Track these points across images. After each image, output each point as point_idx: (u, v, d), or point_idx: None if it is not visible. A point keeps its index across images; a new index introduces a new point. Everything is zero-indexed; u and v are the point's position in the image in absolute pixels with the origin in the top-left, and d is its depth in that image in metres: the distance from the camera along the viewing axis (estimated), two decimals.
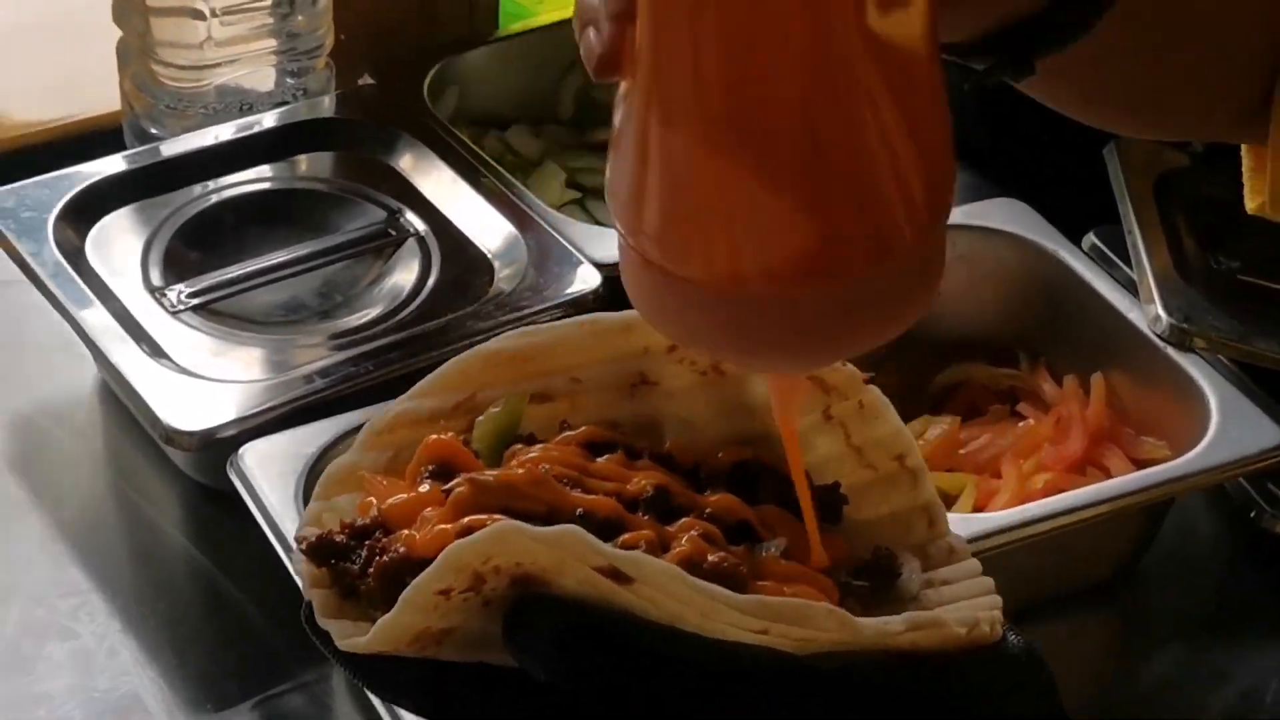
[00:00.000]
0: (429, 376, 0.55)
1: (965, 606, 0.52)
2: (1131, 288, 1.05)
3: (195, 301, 1.02)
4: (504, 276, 1.04)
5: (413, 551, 0.48)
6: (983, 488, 0.99)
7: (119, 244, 1.05)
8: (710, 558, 0.49)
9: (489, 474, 0.51)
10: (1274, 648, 1.01)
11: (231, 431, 0.93)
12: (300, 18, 1.13)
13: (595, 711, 0.49)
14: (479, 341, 0.94)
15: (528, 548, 0.45)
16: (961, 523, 0.92)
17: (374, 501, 0.51)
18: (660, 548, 0.49)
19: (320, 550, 0.50)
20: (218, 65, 1.12)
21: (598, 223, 1.11)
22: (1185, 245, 1.07)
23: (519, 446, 0.53)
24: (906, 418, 1.02)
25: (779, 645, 0.48)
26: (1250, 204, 0.77)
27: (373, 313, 1.04)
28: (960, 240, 1.07)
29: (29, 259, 1.01)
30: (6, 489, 1.01)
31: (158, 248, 1.05)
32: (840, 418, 0.55)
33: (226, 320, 1.02)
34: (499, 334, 0.95)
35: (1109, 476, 0.98)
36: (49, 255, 1.01)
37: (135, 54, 1.12)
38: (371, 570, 0.48)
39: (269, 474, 0.90)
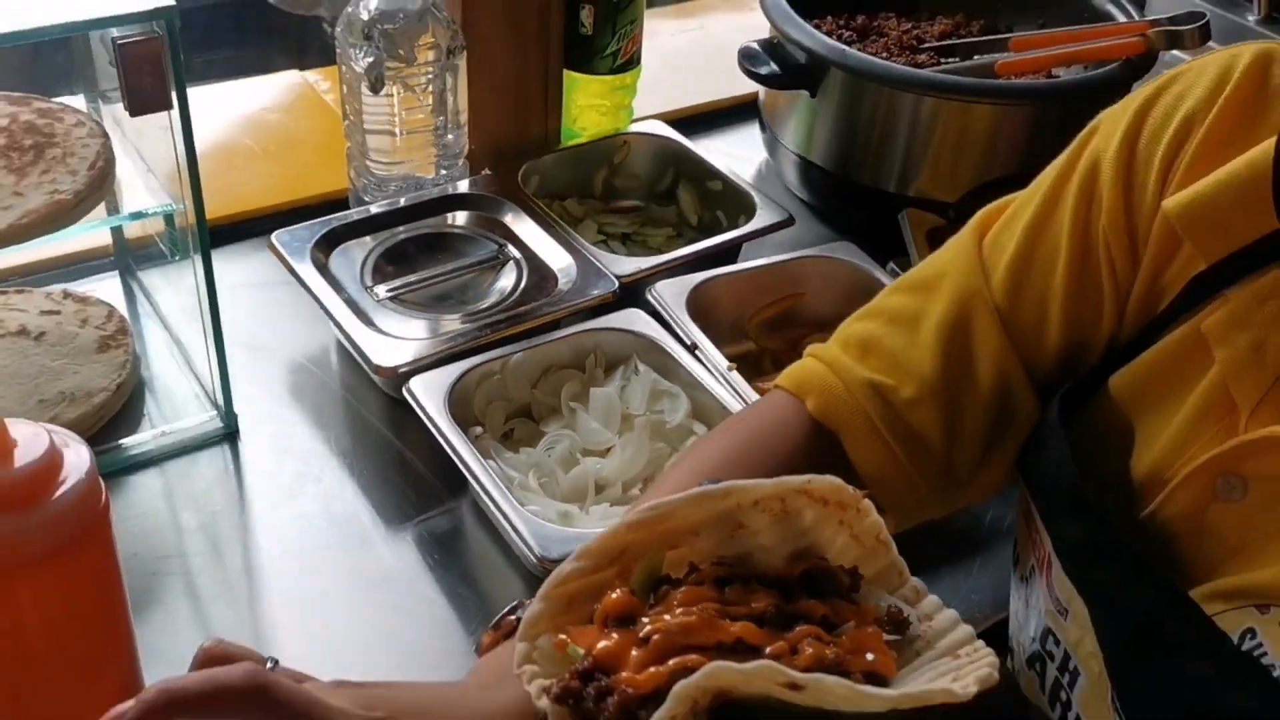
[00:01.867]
0: (587, 544, 0.51)
1: (977, 660, 0.48)
2: None
3: (389, 295, 1.04)
4: (563, 282, 1.05)
5: (638, 689, 0.44)
6: None
7: (347, 262, 1.07)
8: (828, 652, 0.46)
9: (672, 622, 0.47)
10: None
11: (409, 368, 0.95)
12: (450, 136, 1.15)
13: None
14: (555, 320, 1.02)
15: (732, 678, 0.43)
16: None
17: (568, 641, 0.48)
18: (791, 651, 0.46)
19: (563, 696, 0.46)
20: (404, 162, 1.14)
21: (614, 253, 1.11)
22: None
23: (665, 588, 0.50)
24: (786, 364, 1.05)
25: (882, 708, 0.44)
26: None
27: (488, 301, 1.06)
28: (820, 264, 1.10)
29: (297, 269, 1.03)
30: (289, 405, 1.03)
31: (369, 264, 1.07)
32: (846, 521, 0.52)
33: (407, 305, 1.04)
34: (563, 323, 1.02)
35: None
36: (308, 267, 1.03)
37: (357, 155, 1.14)
38: (608, 707, 0.45)
39: (430, 395, 0.93)
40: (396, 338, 0.99)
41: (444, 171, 1.17)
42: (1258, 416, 0.57)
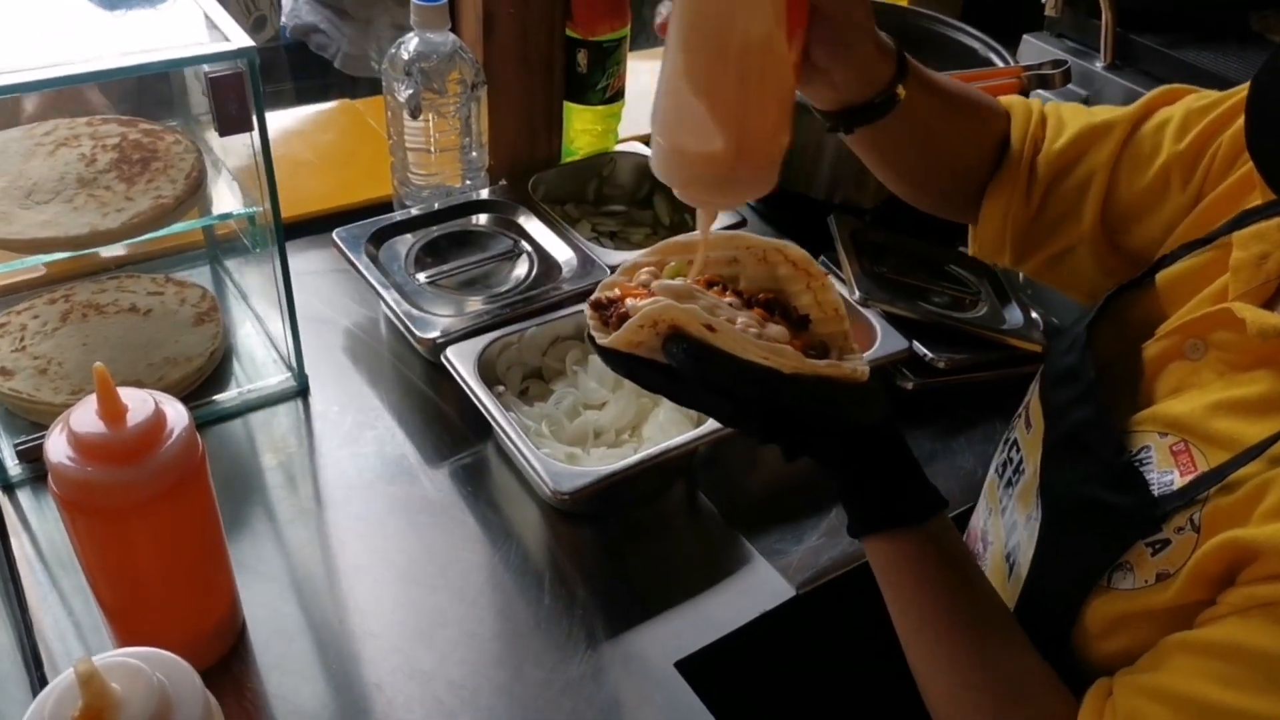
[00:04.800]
0: (652, 248, 0.59)
1: (853, 362, 0.54)
2: (841, 280, 1.03)
3: (428, 279, 1.01)
4: (565, 272, 1.02)
5: (630, 312, 0.52)
6: None
7: (394, 254, 1.03)
8: (752, 329, 0.52)
9: (665, 285, 0.54)
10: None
11: (445, 339, 0.92)
12: (474, 154, 1.11)
13: (696, 383, 0.52)
14: (560, 300, 0.98)
15: (675, 313, 0.50)
16: None
17: (619, 291, 0.56)
18: (733, 322, 0.52)
19: (595, 306, 0.55)
20: (437, 174, 1.10)
21: (604, 248, 1.07)
22: (864, 261, 1.05)
23: (681, 279, 0.56)
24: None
25: (775, 365, 0.51)
26: (970, 250, 0.76)
27: (507, 286, 1.02)
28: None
29: (354, 259, 0.99)
30: (348, 368, 1.00)
31: (411, 255, 1.03)
32: (812, 287, 0.56)
33: (442, 289, 1.00)
34: (573, 300, 0.98)
35: None
36: (363, 259, 0.99)
37: (400, 169, 1.10)
38: (613, 316, 0.54)
39: (463, 360, 0.89)
40: (435, 315, 0.95)
41: (469, 181, 1.13)
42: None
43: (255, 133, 0.79)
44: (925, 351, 0.96)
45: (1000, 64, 1.21)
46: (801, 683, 0.91)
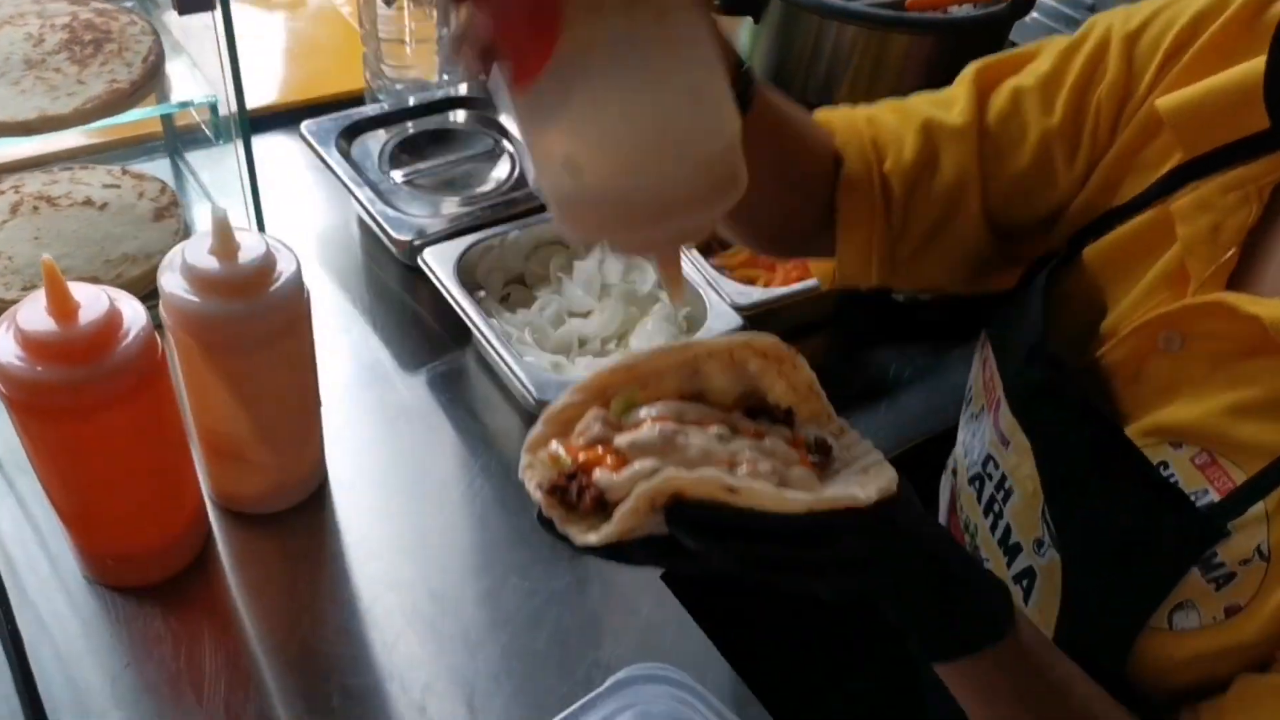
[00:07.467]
0: (580, 383, 0.48)
1: (881, 475, 0.45)
2: None
3: (404, 178, 0.96)
4: None
5: (606, 489, 0.43)
6: (766, 278, 0.93)
7: (367, 151, 0.98)
8: (763, 465, 0.44)
9: (633, 437, 0.44)
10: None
11: (420, 240, 0.88)
12: None
13: (711, 558, 0.43)
14: (541, 203, 0.91)
15: (682, 484, 0.41)
16: (759, 291, 0.89)
17: (562, 455, 0.45)
18: (731, 465, 0.44)
19: (553, 490, 0.44)
20: (413, 67, 1.05)
21: None
22: None
23: (636, 411, 0.47)
24: (729, 244, 0.99)
25: (820, 510, 0.42)
26: (828, 283, 0.69)
27: (488, 187, 0.97)
28: None
29: (324, 155, 0.95)
30: (319, 270, 0.95)
31: (386, 152, 0.98)
32: (784, 372, 0.49)
33: (419, 188, 0.96)
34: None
35: None
36: (335, 155, 0.95)
37: (372, 60, 1.04)
38: (585, 500, 0.43)
39: (442, 263, 0.85)
40: (411, 215, 0.90)
41: (446, 76, 1.07)
42: (1205, 287, 0.53)
43: (217, 12, 0.73)
44: None
45: None
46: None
